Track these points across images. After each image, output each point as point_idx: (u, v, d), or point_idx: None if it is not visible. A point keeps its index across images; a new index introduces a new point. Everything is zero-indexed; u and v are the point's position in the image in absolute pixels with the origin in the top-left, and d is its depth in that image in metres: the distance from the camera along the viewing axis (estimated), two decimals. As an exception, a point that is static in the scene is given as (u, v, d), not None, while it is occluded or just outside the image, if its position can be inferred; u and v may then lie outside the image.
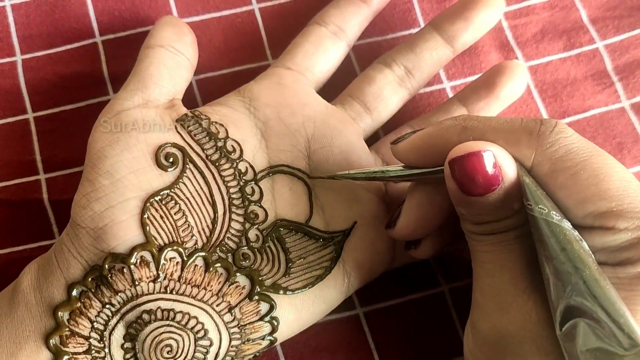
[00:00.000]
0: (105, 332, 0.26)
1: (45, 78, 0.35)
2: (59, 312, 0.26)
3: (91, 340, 0.26)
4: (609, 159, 0.23)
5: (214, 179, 0.29)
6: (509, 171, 0.23)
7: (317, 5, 0.37)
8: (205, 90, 0.35)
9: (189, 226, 0.28)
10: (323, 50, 0.33)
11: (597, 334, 0.21)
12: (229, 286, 0.27)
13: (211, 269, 0.27)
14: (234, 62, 0.36)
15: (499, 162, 0.23)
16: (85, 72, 0.35)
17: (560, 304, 0.21)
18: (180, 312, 0.27)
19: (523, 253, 0.24)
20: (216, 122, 0.30)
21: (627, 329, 0.20)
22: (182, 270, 0.27)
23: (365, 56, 0.36)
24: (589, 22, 0.37)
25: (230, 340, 0.27)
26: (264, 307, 0.28)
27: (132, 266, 0.26)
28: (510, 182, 0.23)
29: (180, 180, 0.28)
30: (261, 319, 0.28)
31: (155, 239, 0.27)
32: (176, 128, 0.29)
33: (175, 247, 0.27)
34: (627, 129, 0.35)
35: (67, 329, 0.26)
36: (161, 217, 0.27)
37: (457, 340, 0.32)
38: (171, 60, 0.31)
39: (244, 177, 0.29)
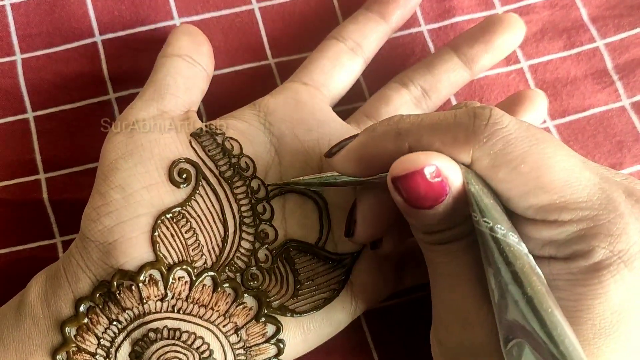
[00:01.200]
0: (111, 349, 0.26)
1: (45, 77, 0.35)
2: (66, 328, 0.26)
3: (97, 357, 0.26)
4: (550, 147, 0.22)
5: (226, 196, 0.28)
6: (455, 180, 0.22)
7: (317, 5, 0.37)
8: (205, 89, 0.35)
9: (199, 245, 0.27)
10: (340, 66, 0.32)
11: (537, 356, 0.20)
12: (237, 307, 0.27)
13: (219, 289, 0.27)
14: (233, 62, 0.36)
15: (443, 173, 0.22)
16: (85, 71, 0.35)
17: (503, 320, 0.21)
18: (187, 331, 0.26)
19: (479, 260, 0.23)
20: (231, 138, 0.29)
21: (568, 357, 0.19)
22: (190, 289, 0.27)
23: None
24: (589, 21, 0.37)
25: None
26: (270, 329, 0.27)
27: (140, 284, 0.26)
28: (458, 190, 0.22)
29: (193, 197, 0.28)
30: (267, 341, 0.27)
31: (165, 258, 0.27)
32: (190, 142, 0.29)
33: (184, 267, 0.27)
34: (627, 128, 0.35)
35: (74, 345, 0.26)
36: (172, 235, 0.27)
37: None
38: (188, 71, 0.31)
39: (256, 195, 0.29)
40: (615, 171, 0.24)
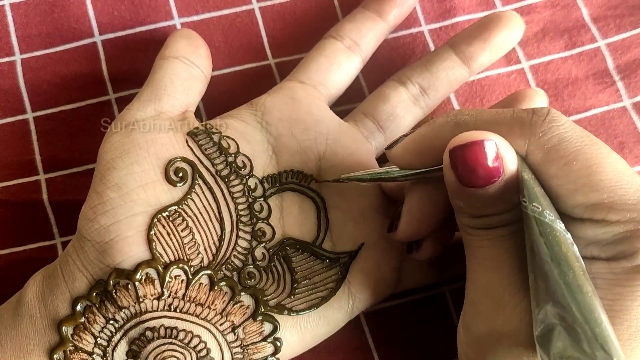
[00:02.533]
0: (108, 348, 0.26)
1: (44, 78, 0.35)
2: (63, 327, 0.26)
3: (94, 356, 0.26)
4: (604, 149, 0.22)
5: (223, 195, 0.28)
6: (510, 163, 0.23)
7: (316, 5, 0.37)
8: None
9: (195, 243, 0.27)
10: (337, 65, 0.32)
11: (573, 340, 0.20)
12: (233, 305, 0.27)
13: (216, 288, 0.27)
14: (233, 62, 0.36)
15: (500, 152, 0.22)
16: (85, 71, 0.35)
17: (540, 305, 0.21)
18: (184, 330, 0.26)
19: (520, 249, 0.23)
20: (227, 137, 0.29)
21: (601, 340, 0.20)
22: (186, 288, 0.27)
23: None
24: (591, 21, 0.37)
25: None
26: (267, 327, 0.27)
27: (136, 283, 0.26)
28: (511, 175, 0.23)
29: (189, 196, 0.28)
30: (264, 339, 0.27)
31: (161, 256, 0.27)
32: (187, 142, 0.29)
33: (180, 265, 0.27)
34: (629, 129, 0.35)
35: (71, 344, 0.26)
36: (168, 233, 0.27)
37: (457, 342, 0.32)
38: (185, 72, 0.31)
39: (253, 194, 0.29)
40: None
